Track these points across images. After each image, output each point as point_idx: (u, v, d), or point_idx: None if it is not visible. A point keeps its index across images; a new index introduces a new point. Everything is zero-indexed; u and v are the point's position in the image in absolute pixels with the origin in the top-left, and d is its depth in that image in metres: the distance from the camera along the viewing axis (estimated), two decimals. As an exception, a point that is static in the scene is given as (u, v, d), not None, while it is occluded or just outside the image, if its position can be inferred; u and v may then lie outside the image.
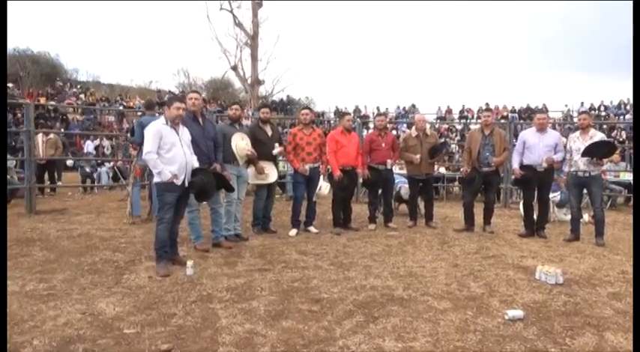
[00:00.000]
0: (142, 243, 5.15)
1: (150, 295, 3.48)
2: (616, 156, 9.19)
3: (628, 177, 9.32)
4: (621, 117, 21.54)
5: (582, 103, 23.40)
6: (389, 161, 6.24)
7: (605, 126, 18.03)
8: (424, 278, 4.02)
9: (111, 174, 11.26)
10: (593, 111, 21.82)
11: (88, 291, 3.54)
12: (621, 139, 17.89)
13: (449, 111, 25.15)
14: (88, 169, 11.01)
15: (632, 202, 8.96)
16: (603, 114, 21.56)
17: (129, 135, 7.79)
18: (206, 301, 3.37)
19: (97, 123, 20.97)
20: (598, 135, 5.55)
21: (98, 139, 17.14)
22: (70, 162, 12.56)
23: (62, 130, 16.21)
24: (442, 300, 3.46)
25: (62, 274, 3.95)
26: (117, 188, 10.79)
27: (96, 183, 10.81)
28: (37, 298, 3.37)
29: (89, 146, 16.71)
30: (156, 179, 4.13)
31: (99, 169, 11.26)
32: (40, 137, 9.49)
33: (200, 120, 4.77)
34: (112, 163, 11.68)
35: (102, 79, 31.93)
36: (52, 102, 20.60)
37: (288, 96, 27.59)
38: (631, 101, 22.28)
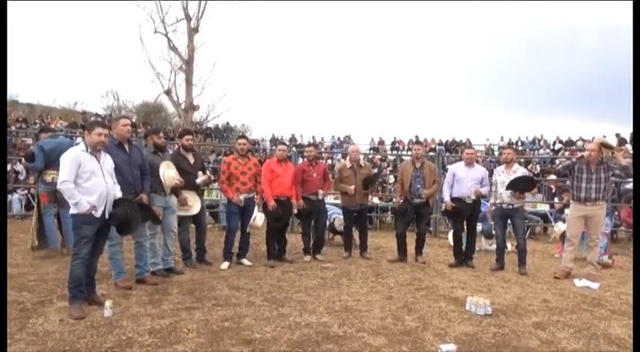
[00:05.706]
0: (56, 280, 4.66)
1: (60, 342, 3.11)
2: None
3: (544, 207, 10.04)
4: (536, 151, 23.39)
5: (502, 138, 25.16)
6: (320, 191, 6.22)
7: (522, 160, 19.48)
8: (359, 312, 3.96)
9: (24, 202, 10.29)
10: (511, 146, 23.53)
11: (-16, 340, 3.10)
12: (536, 172, 19.35)
13: (381, 142, 26.00)
14: (-4, 197, 9.98)
15: (547, 231, 9.62)
16: (520, 148, 23.27)
17: (23, 160, 7.16)
18: (125, 347, 3.06)
19: (11, 145, 19.30)
20: (521, 170, 5.94)
21: (10, 164, 15.68)
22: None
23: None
24: (377, 336, 3.40)
25: (-47, 320, 3.44)
26: (30, 217, 9.84)
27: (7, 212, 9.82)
28: None
29: None
30: (72, 210, 3.77)
31: (10, 196, 10.24)
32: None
33: (126, 146, 4.47)
34: (24, 190, 10.69)
35: (20, 98, 29.61)
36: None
37: (227, 122, 27.12)
38: (544, 137, 24.32)
